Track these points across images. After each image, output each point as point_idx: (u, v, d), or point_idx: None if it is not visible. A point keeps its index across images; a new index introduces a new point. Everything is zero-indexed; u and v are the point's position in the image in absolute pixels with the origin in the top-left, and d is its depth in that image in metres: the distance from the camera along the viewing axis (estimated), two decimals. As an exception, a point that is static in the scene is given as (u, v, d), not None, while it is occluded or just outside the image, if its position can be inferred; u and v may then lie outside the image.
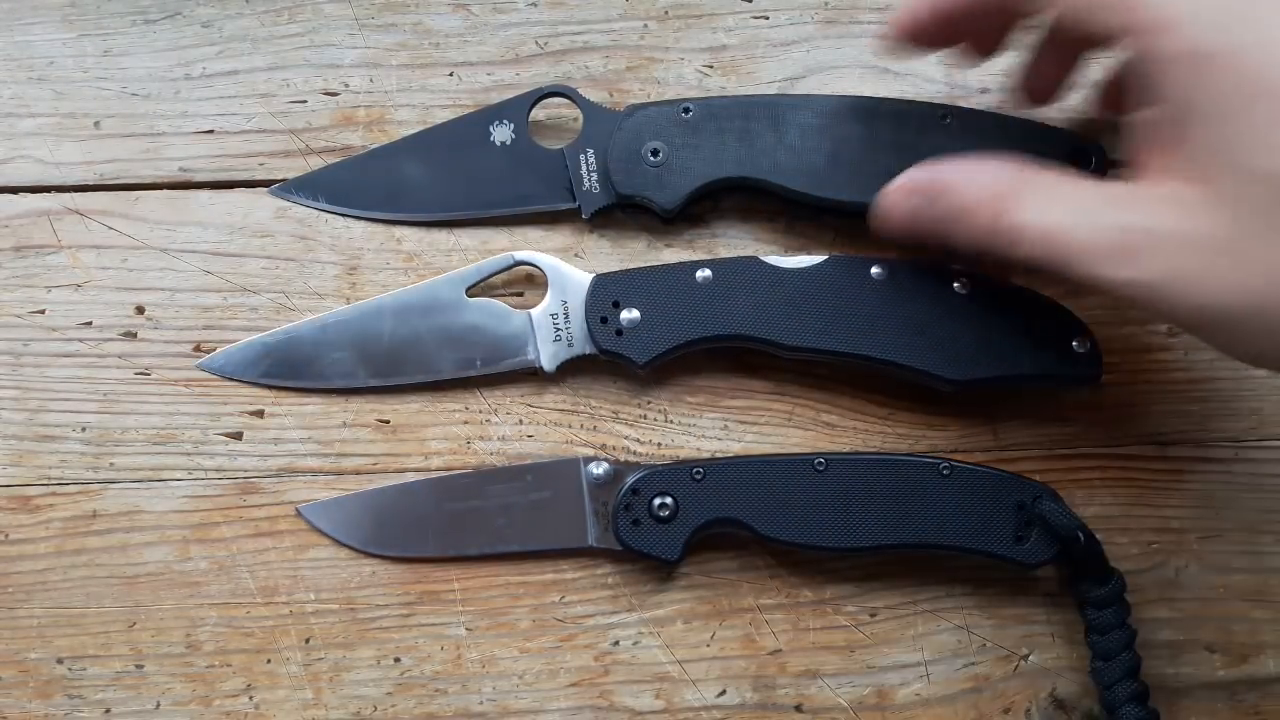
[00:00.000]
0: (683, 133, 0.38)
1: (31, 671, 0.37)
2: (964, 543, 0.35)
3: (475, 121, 0.39)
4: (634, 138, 0.38)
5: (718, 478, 0.36)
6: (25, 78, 0.41)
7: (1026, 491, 0.35)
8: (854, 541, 0.35)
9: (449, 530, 0.37)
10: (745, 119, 0.38)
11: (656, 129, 0.38)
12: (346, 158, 0.40)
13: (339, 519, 0.37)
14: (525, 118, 0.39)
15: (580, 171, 0.39)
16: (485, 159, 0.39)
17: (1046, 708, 0.37)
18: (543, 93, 0.39)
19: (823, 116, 0.38)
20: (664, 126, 0.38)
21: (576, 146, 0.39)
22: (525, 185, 0.39)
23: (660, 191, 0.38)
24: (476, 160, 0.39)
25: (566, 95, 0.39)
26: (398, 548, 0.37)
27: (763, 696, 0.37)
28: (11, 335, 0.38)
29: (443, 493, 0.37)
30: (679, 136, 0.38)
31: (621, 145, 0.38)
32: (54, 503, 0.38)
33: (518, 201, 0.39)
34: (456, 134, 0.39)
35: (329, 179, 0.40)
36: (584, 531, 0.37)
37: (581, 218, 0.39)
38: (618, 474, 0.37)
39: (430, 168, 0.39)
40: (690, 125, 0.38)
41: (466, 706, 0.37)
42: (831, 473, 0.36)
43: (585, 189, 0.39)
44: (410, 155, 0.39)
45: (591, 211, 0.39)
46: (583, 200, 0.39)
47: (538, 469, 0.38)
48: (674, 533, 0.36)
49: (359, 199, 0.39)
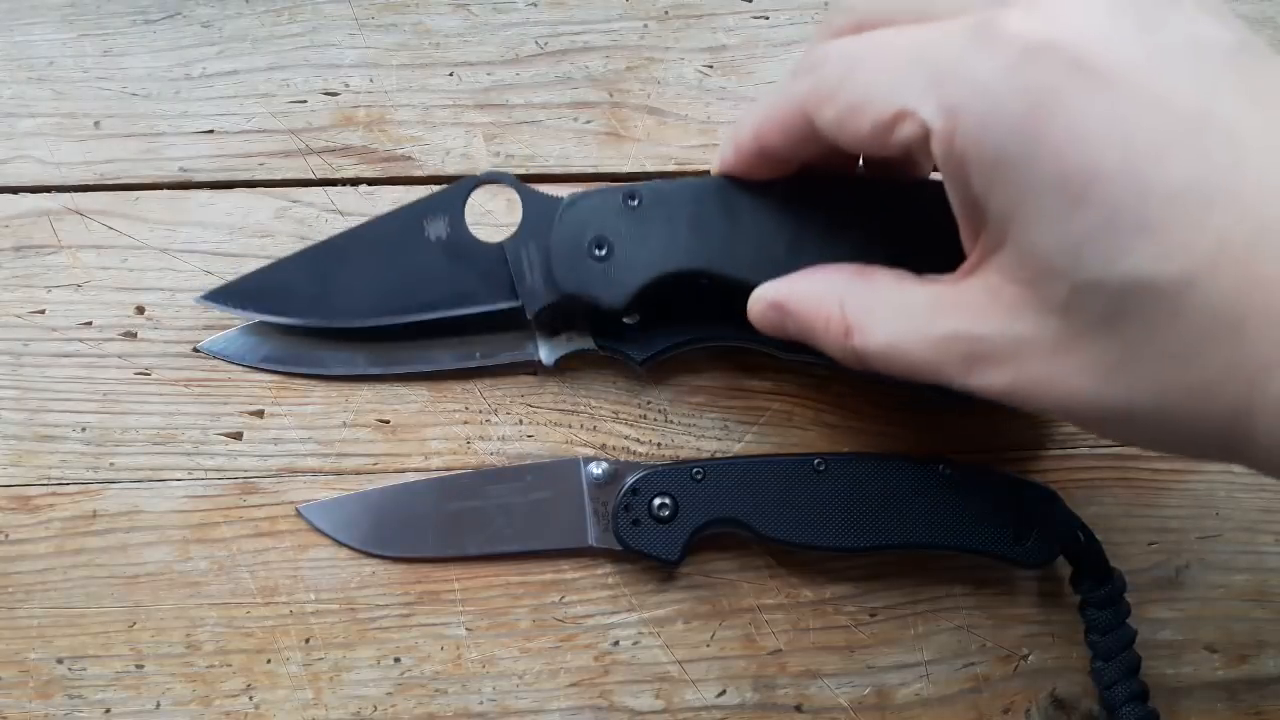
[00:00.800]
0: (629, 222, 0.34)
1: (31, 671, 0.37)
2: (963, 543, 0.35)
3: (408, 216, 0.36)
4: (576, 229, 0.34)
5: (718, 478, 0.36)
6: (25, 77, 0.41)
7: (1026, 492, 0.35)
8: (854, 542, 0.35)
9: (448, 530, 0.37)
10: (697, 204, 0.34)
11: (601, 219, 0.34)
12: (272, 261, 0.37)
13: (339, 519, 0.37)
14: (461, 209, 0.36)
15: (522, 266, 0.35)
16: (420, 257, 0.36)
17: (1047, 708, 0.37)
18: (478, 180, 0.36)
19: (780, 198, 0.33)
20: (608, 216, 0.34)
21: (517, 239, 0.35)
22: (464, 283, 0.36)
23: (606, 288, 0.34)
24: (411, 259, 0.36)
25: (503, 182, 0.36)
26: (397, 548, 0.37)
27: (763, 696, 0.37)
28: (11, 335, 0.38)
29: (442, 493, 0.37)
30: (625, 226, 0.34)
31: (563, 237, 0.34)
32: (54, 503, 0.38)
33: (456, 301, 0.36)
34: (388, 231, 0.37)
35: (256, 286, 0.37)
36: (584, 532, 0.37)
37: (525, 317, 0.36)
38: (617, 474, 0.37)
39: (362, 270, 0.36)
40: (638, 214, 0.34)
41: (466, 707, 0.37)
42: (831, 473, 0.36)
43: (528, 285, 0.35)
44: (340, 257, 0.37)
45: (535, 310, 0.35)
46: (525, 297, 0.35)
47: (537, 469, 0.37)
48: (674, 533, 0.36)
49: (288, 306, 0.37)
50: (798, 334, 0.31)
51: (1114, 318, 0.24)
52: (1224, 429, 0.23)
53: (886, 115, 0.26)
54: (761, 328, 0.33)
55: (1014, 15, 0.24)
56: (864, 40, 0.28)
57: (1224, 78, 0.23)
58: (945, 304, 0.28)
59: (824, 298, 0.30)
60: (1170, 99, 0.23)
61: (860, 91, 0.27)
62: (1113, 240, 0.23)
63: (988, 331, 0.26)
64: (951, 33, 0.25)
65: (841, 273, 0.31)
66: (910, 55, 0.26)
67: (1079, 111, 0.23)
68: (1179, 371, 0.23)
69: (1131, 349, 0.24)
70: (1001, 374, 0.26)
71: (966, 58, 0.24)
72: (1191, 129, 0.22)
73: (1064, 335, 0.25)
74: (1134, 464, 0.39)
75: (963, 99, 0.24)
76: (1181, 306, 0.23)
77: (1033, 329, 0.25)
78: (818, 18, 0.41)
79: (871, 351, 0.29)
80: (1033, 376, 0.26)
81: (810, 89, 0.28)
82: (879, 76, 0.26)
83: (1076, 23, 0.24)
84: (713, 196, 0.33)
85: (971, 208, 0.26)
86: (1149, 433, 0.26)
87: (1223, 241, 0.22)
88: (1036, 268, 0.25)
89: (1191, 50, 0.23)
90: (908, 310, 0.28)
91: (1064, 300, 0.24)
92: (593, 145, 0.41)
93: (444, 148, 0.40)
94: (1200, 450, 0.26)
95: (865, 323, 0.29)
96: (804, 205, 0.33)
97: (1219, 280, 0.22)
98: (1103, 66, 0.23)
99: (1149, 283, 0.23)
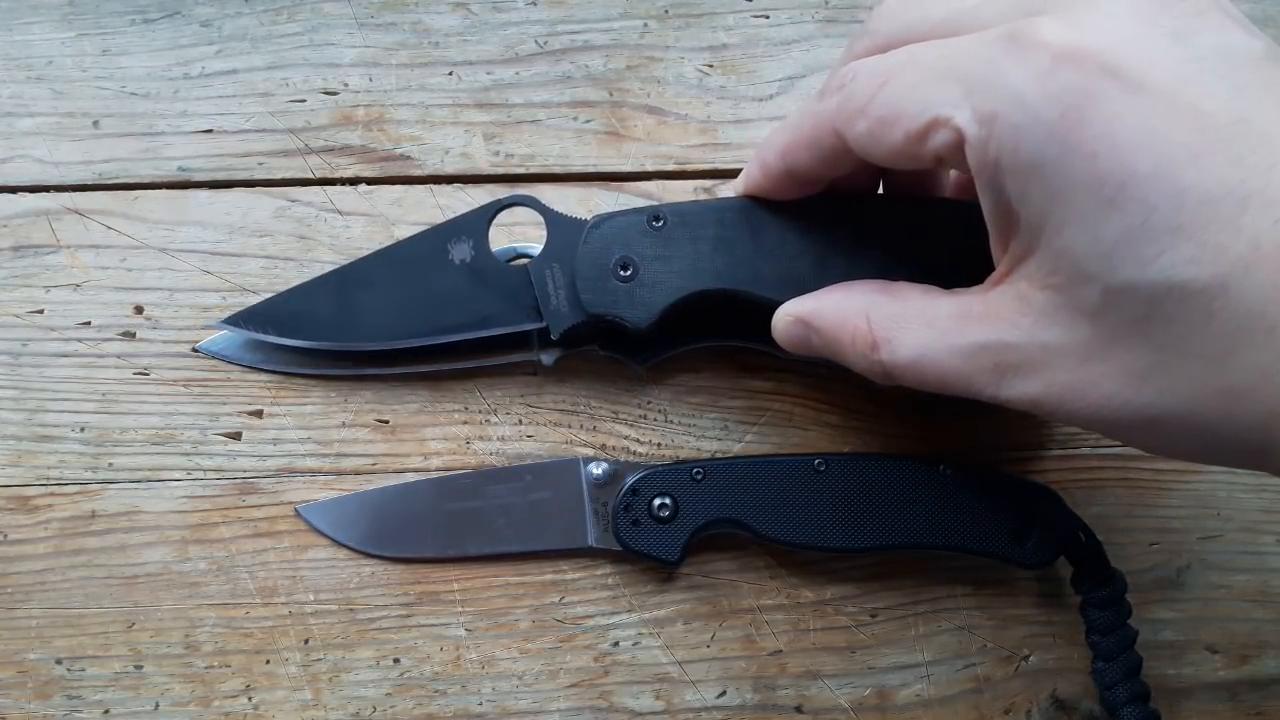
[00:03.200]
0: (654, 244, 0.34)
1: (30, 672, 0.37)
2: (964, 543, 0.35)
3: (432, 239, 0.37)
4: (601, 251, 0.34)
5: (717, 478, 0.36)
6: (24, 77, 0.41)
7: (1027, 492, 0.35)
8: (854, 542, 0.35)
9: (448, 531, 0.37)
10: (720, 225, 0.34)
11: (626, 240, 0.34)
12: (295, 286, 0.38)
13: (338, 519, 0.37)
14: (485, 232, 0.36)
15: (547, 288, 0.35)
16: (444, 279, 0.36)
17: (1047, 709, 0.37)
18: (502, 204, 0.36)
19: (804, 217, 0.34)
20: (633, 237, 0.34)
21: (542, 261, 0.35)
22: (488, 306, 0.36)
23: (632, 309, 0.34)
24: (435, 281, 0.36)
25: (527, 204, 0.36)
26: (396, 548, 0.37)
27: (763, 697, 0.37)
28: (10, 335, 0.38)
29: (442, 493, 0.37)
30: (650, 248, 0.34)
31: (588, 260, 0.34)
32: (52, 503, 0.37)
33: (480, 324, 0.36)
34: (412, 254, 0.37)
35: (279, 309, 0.37)
36: (584, 532, 0.37)
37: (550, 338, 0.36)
38: (617, 474, 0.37)
39: (386, 292, 0.37)
40: (662, 235, 0.34)
41: (466, 707, 0.37)
42: (831, 473, 0.36)
43: (553, 306, 0.35)
44: (364, 280, 0.37)
45: (560, 331, 0.35)
46: (550, 319, 0.35)
47: (537, 469, 0.37)
48: (674, 533, 0.36)
49: (311, 330, 0.37)
50: (823, 349, 0.32)
51: (1146, 322, 0.24)
52: (1256, 434, 0.23)
53: (920, 125, 0.26)
54: (786, 345, 0.33)
55: (1046, 24, 0.24)
56: (893, 55, 0.28)
57: (1254, 84, 0.23)
58: (974, 314, 0.28)
59: (850, 312, 0.30)
60: (1202, 104, 0.23)
61: (892, 103, 0.27)
62: (1146, 243, 0.23)
63: (1018, 339, 0.26)
64: (983, 42, 0.25)
65: (867, 287, 0.31)
66: (941, 66, 0.26)
67: (1112, 116, 0.23)
68: (1211, 375, 0.23)
69: (1163, 353, 0.24)
70: (1032, 383, 0.26)
71: (999, 65, 0.25)
72: (1224, 134, 0.23)
73: (1096, 341, 0.25)
74: (1135, 464, 0.38)
75: (997, 105, 0.25)
76: (1214, 309, 0.23)
77: (1064, 335, 0.25)
78: (818, 16, 0.41)
79: (899, 365, 0.29)
80: (1064, 384, 0.26)
81: (839, 105, 0.29)
82: (911, 87, 0.27)
83: (1108, 31, 0.24)
84: (737, 216, 0.34)
85: (1004, 215, 0.26)
86: (1180, 440, 0.25)
87: (1256, 244, 0.22)
88: (1069, 272, 0.25)
89: (1221, 58, 0.24)
90: (936, 322, 0.28)
91: (1096, 305, 0.24)
92: (592, 144, 0.40)
93: (443, 147, 0.40)
94: (1229, 457, 0.25)
95: (892, 336, 0.29)
96: (828, 224, 0.33)
97: (1252, 283, 0.22)
98: (1135, 73, 0.23)
99: (1182, 286, 0.23)
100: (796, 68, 0.41)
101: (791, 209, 0.33)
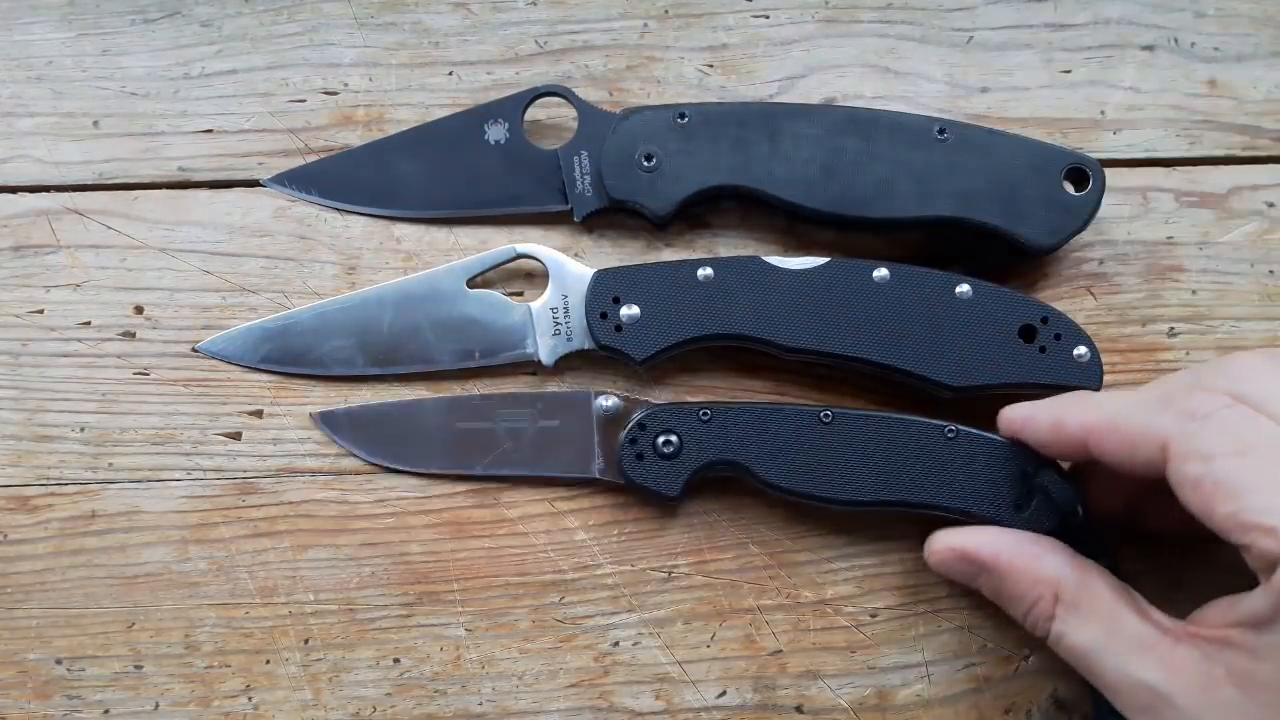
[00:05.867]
0: (677, 138, 0.37)
1: (30, 672, 0.37)
2: (964, 505, 0.35)
3: (470, 119, 0.39)
4: (628, 142, 0.38)
5: (724, 420, 0.36)
6: (24, 77, 0.41)
7: (1030, 461, 0.35)
8: (854, 495, 0.35)
9: (457, 448, 0.37)
10: (740, 126, 0.37)
11: (651, 134, 0.38)
12: (341, 151, 0.40)
13: (351, 428, 0.38)
14: (520, 117, 0.39)
15: (574, 174, 0.38)
16: (479, 157, 0.39)
17: (1047, 709, 0.37)
18: (538, 92, 0.39)
19: (818, 127, 0.37)
20: (659, 131, 0.38)
21: (571, 148, 0.38)
22: (518, 185, 0.39)
23: (653, 198, 0.37)
24: (470, 158, 0.39)
25: (562, 95, 0.39)
26: (406, 461, 0.38)
27: (763, 697, 0.37)
28: (10, 335, 0.38)
29: (454, 411, 0.38)
30: (673, 142, 0.37)
31: (615, 149, 0.38)
32: (53, 503, 0.37)
33: (510, 201, 0.39)
34: (450, 131, 0.39)
35: (322, 172, 0.39)
36: (590, 462, 0.37)
37: (574, 220, 0.39)
38: (627, 409, 0.37)
39: (423, 164, 0.39)
40: (685, 131, 0.37)
41: (466, 707, 0.37)
42: (837, 425, 0.35)
43: (578, 191, 0.38)
44: (404, 151, 0.39)
45: (584, 214, 0.38)
46: (575, 203, 0.38)
47: (549, 398, 0.38)
48: (676, 470, 0.36)
49: (352, 194, 0.39)
50: (991, 593, 0.33)
51: None
52: None
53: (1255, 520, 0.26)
54: (939, 570, 0.34)
55: None
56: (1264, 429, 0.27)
57: None
58: (1158, 655, 0.29)
59: (1039, 577, 0.32)
60: None
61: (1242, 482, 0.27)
62: None
63: (1184, 705, 0.28)
64: None
65: (1058, 557, 0.32)
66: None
67: None
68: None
69: None
70: None
71: None
72: None
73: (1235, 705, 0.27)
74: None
75: None
76: None
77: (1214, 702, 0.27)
78: (818, 16, 0.41)
79: (1065, 646, 0.31)
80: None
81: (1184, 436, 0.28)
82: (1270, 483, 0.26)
83: None
84: (756, 119, 0.37)
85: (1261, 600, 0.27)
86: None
87: None
88: None
89: None
90: (1117, 635, 0.30)
91: None
92: (592, 144, 0.40)
93: (443, 147, 0.40)
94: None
95: (1071, 619, 0.31)
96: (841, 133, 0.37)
97: None
98: None
99: None
100: (796, 67, 0.41)
101: (807, 118, 0.37)
